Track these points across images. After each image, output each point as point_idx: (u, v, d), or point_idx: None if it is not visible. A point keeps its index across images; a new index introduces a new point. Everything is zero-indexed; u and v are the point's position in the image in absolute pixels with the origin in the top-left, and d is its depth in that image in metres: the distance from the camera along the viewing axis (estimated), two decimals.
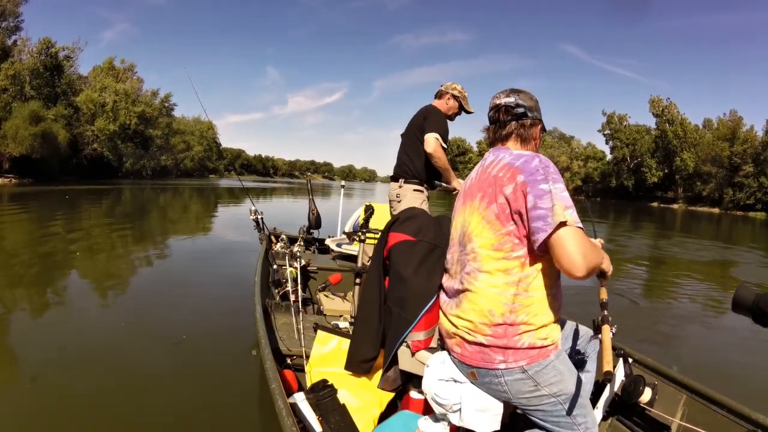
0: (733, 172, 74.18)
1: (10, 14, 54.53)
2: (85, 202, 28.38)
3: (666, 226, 36.71)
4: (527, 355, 2.25)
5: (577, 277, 2.05)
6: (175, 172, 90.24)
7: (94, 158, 63.49)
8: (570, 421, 2.32)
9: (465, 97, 5.17)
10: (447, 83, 5.18)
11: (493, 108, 2.56)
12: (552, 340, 2.30)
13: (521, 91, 2.55)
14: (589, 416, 2.39)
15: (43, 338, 5.67)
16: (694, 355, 6.74)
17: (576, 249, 2.04)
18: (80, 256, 11.08)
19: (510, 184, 2.23)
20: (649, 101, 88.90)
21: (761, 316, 2.13)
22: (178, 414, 4.08)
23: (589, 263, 2.04)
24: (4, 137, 47.60)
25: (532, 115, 2.50)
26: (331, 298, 5.36)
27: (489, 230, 2.28)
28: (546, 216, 2.10)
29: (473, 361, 2.34)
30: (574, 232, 2.07)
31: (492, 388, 2.35)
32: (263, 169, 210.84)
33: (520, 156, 2.31)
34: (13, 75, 51.86)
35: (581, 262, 2.02)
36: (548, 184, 2.15)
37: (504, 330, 2.25)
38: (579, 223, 2.10)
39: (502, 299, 2.24)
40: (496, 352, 2.26)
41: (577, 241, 2.05)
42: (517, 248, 2.22)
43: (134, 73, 76.38)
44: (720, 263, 16.72)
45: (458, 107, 5.17)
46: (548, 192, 2.13)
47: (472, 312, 2.33)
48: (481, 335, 2.29)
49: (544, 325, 2.27)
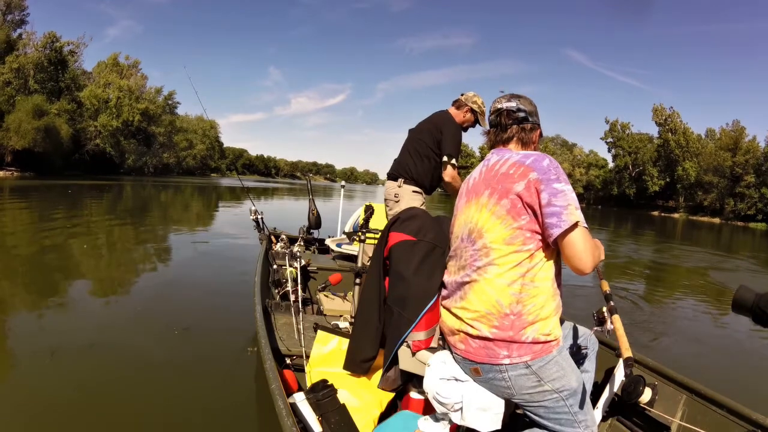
0: (734, 182, 74.20)
1: (15, 7, 54.94)
2: (87, 197, 28.52)
3: (666, 235, 36.66)
4: (531, 351, 2.27)
5: (585, 273, 2.21)
6: (177, 169, 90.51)
7: (97, 154, 63.77)
8: (571, 419, 2.34)
9: (483, 113, 5.01)
10: (468, 93, 5.07)
11: (494, 112, 2.63)
12: (554, 336, 2.33)
13: (521, 97, 2.63)
14: (590, 414, 2.42)
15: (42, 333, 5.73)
16: (694, 355, 6.76)
17: (585, 248, 2.19)
18: (81, 251, 11.10)
19: (522, 180, 2.29)
20: (653, 110, 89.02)
21: (761, 316, 2.16)
22: (177, 413, 4.07)
23: (595, 261, 2.23)
24: (6, 130, 47.76)
25: (533, 119, 2.58)
26: (331, 298, 5.35)
27: (500, 225, 2.31)
28: (560, 213, 2.19)
29: (477, 357, 2.35)
30: (584, 232, 2.21)
31: (495, 384, 2.36)
32: (265, 169, 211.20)
33: (529, 155, 2.38)
34: (17, 68, 52.09)
35: (590, 261, 2.19)
36: (561, 183, 2.25)
37: (511, 322, 2.28)
38: (584, 221, 2.22)
39: (510, 290, 2.28)
40: (501, 347, 2.28)
41: (586, 241, 2.20)
42: (528, 242, 2.28)
43: (138, 70, 76.75)
44: (715, 270, 16.72)
45: (474, 121, 5.07)
46: (562, 191, 2.23)
47: (479, 302, 2.35)
48: (487, 327, 2.31)
49: (549, 317, 2.31)
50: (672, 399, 3.25)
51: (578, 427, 2.35)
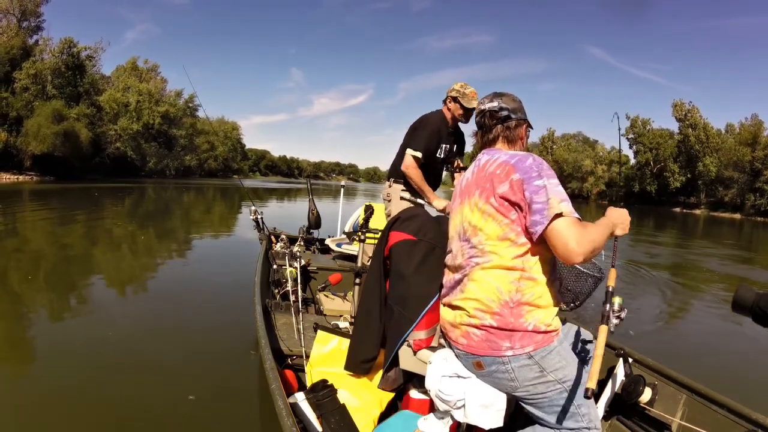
0: (754, 177, 73.40)
1: (31, 14, 55.50)
2: (107, 199, 28.79)
3: (688, 232, 36.35)
4: (533, 341, 2.29)
5: (575, 261, 2.18)
6: (198, 172, 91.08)
7: (117, 157, 64.35)
8: (574, 411, 2.34)
9: (464, 94, 4.74)
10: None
11: (478, 114, 2.67)
12: (555, 326, 2.36)
13: (504, 95, 2.65)
14: (592, 409, 2.42)
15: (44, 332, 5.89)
16: (694, 355, 6.74)
17: (570, 237, 2.15)
18: (92, 252, 11.25)
19: (506, 180, 2.33)
20: (672, 105, 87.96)
21: (761, 316, 2.15)
22: (177, 413, 4.09)
23: (584, 248, 2.15)
24: (25, 135, 48.32)
25: (516, 116, 2.60)
26: (331, 298, 5.38)
27: (492, 222, 2.35)
28: (543, 210, 2.21)
29: (479, 350, 2.36)
30: (567, 221, 2.18)
31: (498, 377, 2.37)
32: (288, 169, 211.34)
33: (515, 155, 2.41)
34: (35, 74, 52.57)
35: (576, 249, 2.13)
36: (542, 180, 2.26)
37: (510, 310, 2.30)
38: (575, 213, 2.21)
39: (509, 278, 2.31)
40: (503, 338, 2.30)
41: (571, 229, 2.16)
42: (521, 236, 2.31)
43: (158, 74, 77.32)
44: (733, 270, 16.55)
45: (463, 108, 4.80)
46: (543, 187, 2.24)
47: (479, 290, 2.37)
48: (489, 315, 2.33)
49: (548, 306, 2.34)
50: (672, 399, 3.24)
51: (581, 420, 2.35)
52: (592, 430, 2.38)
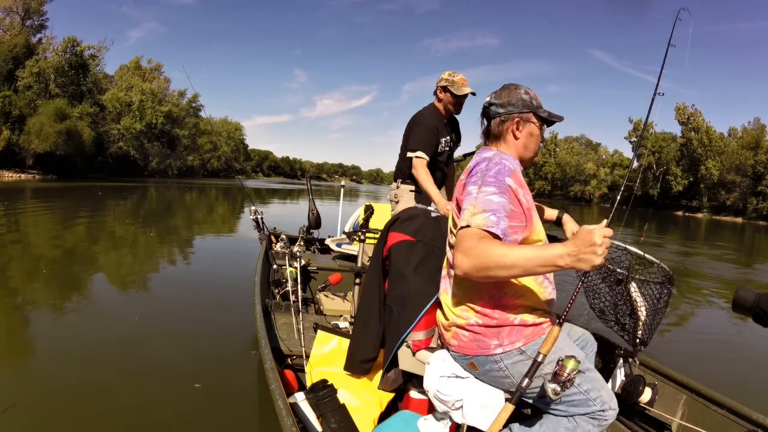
0: (756, 181, 73.40)
1: (34, 12, 55.52)
2: (110, 198, 28.74)
3: (690, 236, 36.31)
4: (522, 335, 2.28)
5: (459, 274, 2.07)
6: (201, 171, 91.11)
7: (120, 156, 64.37)
8: (584, 397, 2.26)
9: (453, 82, 4.57)
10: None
11: (481, 114, 2.63)
12: (543, 319, 2.34)
13: (502, 88, 2.58)
14: (604, 391, 2.32)
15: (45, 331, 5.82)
16: (695, 356, 6.75)
17: (462, 249, 2.05)
18: (92, 252, 11.23)
19: (462, 183, 2.38)
20: (675, 108, 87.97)
21: (761, 316, 2.15)
22: (177, 412, 4.08)
23: (469, 263, 2.02)
24: (28, 134, 48.31)
25: (505, 110, 2.50)
26: (331, 298, 5.37)
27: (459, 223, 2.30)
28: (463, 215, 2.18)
29: (470, 350, 2.35)
30: (466, 232, 2.09)
31: (494, 376, 2.34)
32: (291, 170, 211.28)
33: (478, 158, 2.42)
34: (38, 72, 52.60)
35: (464, 263, 2.03)
36: (476, 186, 2.22)
37: (492, 307, 2.29)
38: (492, 227, 2.08)
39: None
40: (491, 336, 2.29)
41: (465, 241, 2.06)
42: None
43: (161, 73, 77.16)
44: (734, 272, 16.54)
45: (454, 96, 4.62)
46: (471, 194, 2.22)
47: (459, 291, 2.39)
48: (473, 314, 2.32)
49: (532, 306, 2.32)
50: (672, 399, 3.25)
51: (593, 404, 2.26)
52: (608, 411, 2.29)
